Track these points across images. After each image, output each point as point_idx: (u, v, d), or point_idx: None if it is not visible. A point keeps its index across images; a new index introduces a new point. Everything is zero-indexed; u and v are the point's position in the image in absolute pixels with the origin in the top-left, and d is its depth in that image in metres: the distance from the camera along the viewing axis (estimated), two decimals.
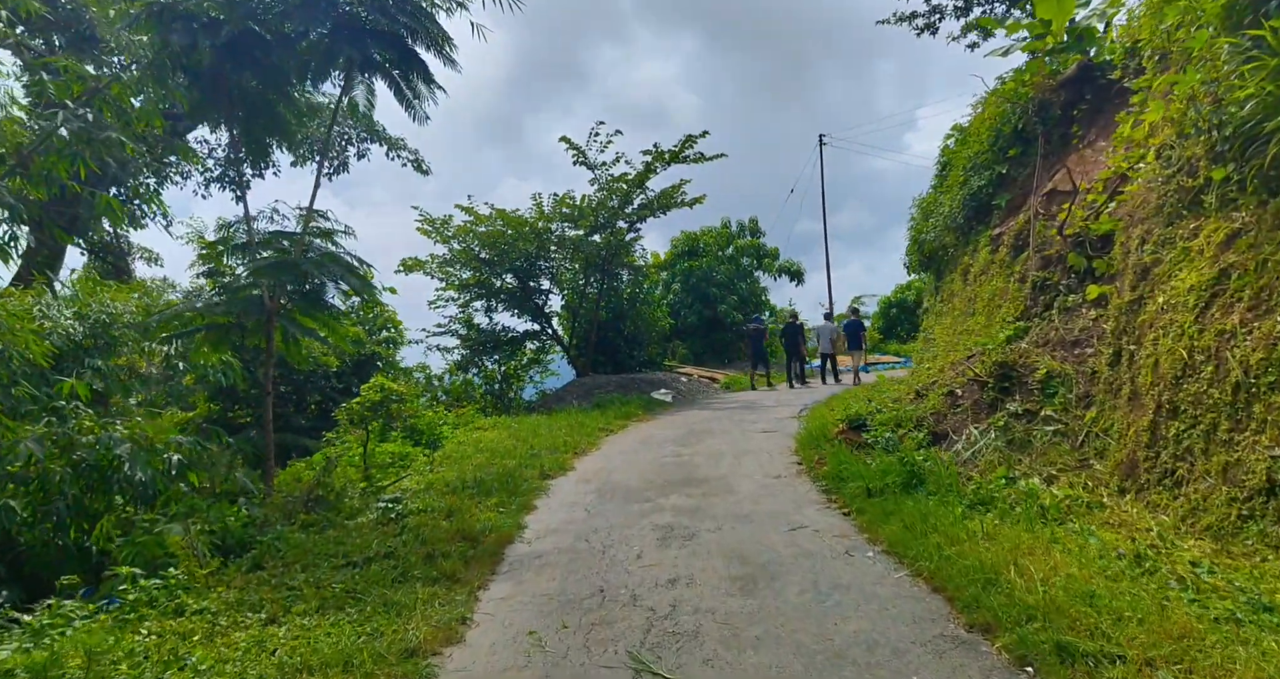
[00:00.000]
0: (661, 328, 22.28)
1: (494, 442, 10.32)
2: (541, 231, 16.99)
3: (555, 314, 19.68)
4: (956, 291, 9.95)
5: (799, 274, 26.30)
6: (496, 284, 18.57)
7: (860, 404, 11.81)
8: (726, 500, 6.56)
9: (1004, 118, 9.01)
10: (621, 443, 10.63)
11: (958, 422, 6.18)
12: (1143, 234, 5.23)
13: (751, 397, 17.34)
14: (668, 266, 25.42)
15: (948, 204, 10.20)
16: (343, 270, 6.29)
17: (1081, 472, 5.10)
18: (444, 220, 16.97)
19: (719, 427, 11.69)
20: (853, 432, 7.59)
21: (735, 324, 24.22)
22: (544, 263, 18.21)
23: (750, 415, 13.05)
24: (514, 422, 12.81)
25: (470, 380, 19.63)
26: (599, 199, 17.52)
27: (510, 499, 7.12)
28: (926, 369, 10.47)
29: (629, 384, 17.71)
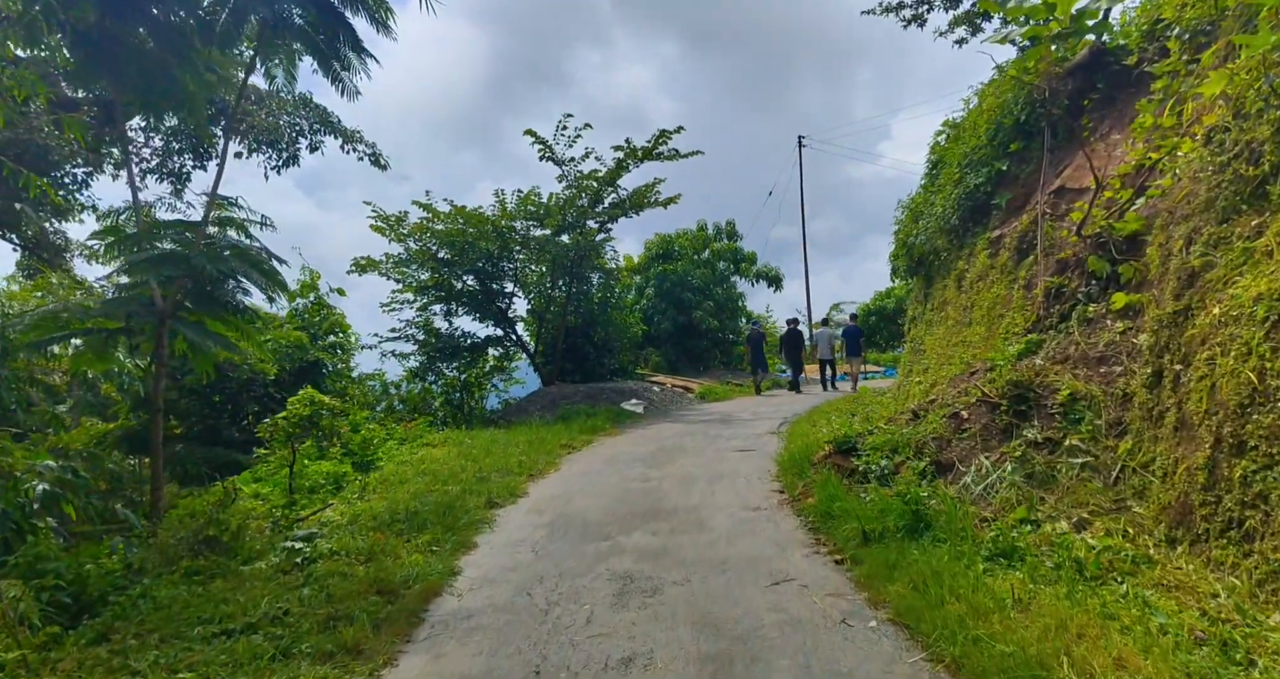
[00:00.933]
0: (634, 334, 21.40)
1: (440, 462, 9.33)
2: (504, 230, 16.01)
3: (520, 319, 18.71)
4: (950, 299, 9.21)
5: (777, 280, 25.62)
6: (457, 286, 17.54)
7: (846, 422, 11.03)
8: (698, 540, 5.67)
9: (1004, 109, 8.28)
10: (584, 463, 9.70)
11: (965, 449, 5.37)
12: (1188, 233, 4.48)
13: (727, 408, 16.53)
14: (641, 270, 24.57)
15: (940, 204, 9.46)
16: (245, 265, 5.31)
17: (1119, 516, 4.30)
18: (399, 217, 15.93)
19: (692, 443, 10.82)
20: (841, 456, 6.75)
21: (711, 331, 23.43)
22: (508, 264, 17.23)
23: (726, 430, 12.20)
24: (468, 437, 11.82)
25: (429, 389, 18.58)
26: (567, 197, 16.61)
27: (446, 536, 6.15)
28: (918, 383, 9.71)
29: (598, 394, 16.80)
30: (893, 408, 11.51)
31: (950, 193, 9.21)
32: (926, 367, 9.58)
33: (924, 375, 9.57)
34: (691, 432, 12.36)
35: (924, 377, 9.54)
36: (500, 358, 19.14)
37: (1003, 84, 8.55)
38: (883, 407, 13.17)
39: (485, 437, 11.82)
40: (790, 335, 18.52)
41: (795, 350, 18.25)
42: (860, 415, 12.86)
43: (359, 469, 7.50)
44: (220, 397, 12.82)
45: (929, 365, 9.48)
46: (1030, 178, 8.05)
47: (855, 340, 18.39)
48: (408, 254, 16.57)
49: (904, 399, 10.52)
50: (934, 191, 10.25)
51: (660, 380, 20.57)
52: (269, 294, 6.01)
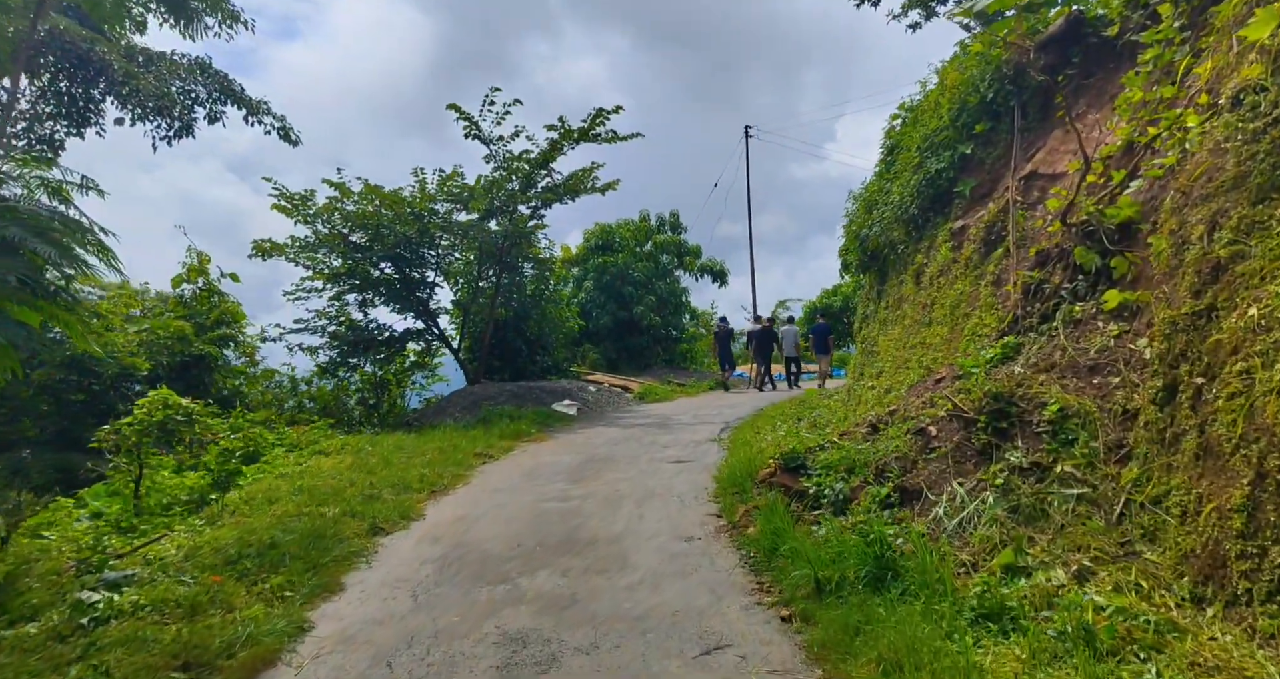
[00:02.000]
0: (570, 329, 20.33)
1: (327, 474, 8.11)
2: (424, 213, 14.70)
3: (444, 311, 17.42)
4: (907, 296, 8.48)
5: (722, 275, 24.86)
6: (374, 274, 16.15)
7: (792, 430, 10.25)
8: (616, 583, 4.69)
9: (969, 87, 7.56)
10: (499, 475, 8.63)
11: (935, 473, 4.55)
12: (1210, 217, 3.73)
13: (667, 410, 15.64)
14: (579, 262, 23.48)
15: (897, 193, 8.73)
16: (25, 232, 4.08)
17: (1128, 564, 3.52)
18: (305, 196, 14.45)
19: (625, 452, 9.85)
20: (788, 474, 5.88)
21: (653, 327, 22.53)
22: (429, 251, 15.91)
23: (664, 436, 11.29)
24: (371, 442, 10.57)
25: (344, 386, 17.13)
26: (495, 179, 15.40)
27: (306, 576, 5.01)
28: (870, 388, 8.97)
29: (526, 394, 15.68)
30: (842, 414, 10.80)
31: (909, 180, 8.48)
32: (880, 370, 8.84)
33: (877, 380, 8.83)
34: (626, 437, 11.41)
35: (877, 381, 8.81)
36: (422, 353, 17.81)
37: (967, 60, 7.84)
38: (830, 411, 12.48)
39: (391, 442, 10.60)
40: (761, 334, 18.44)
41: (766, 349, 18.24)
42: (807, 421, 12.15)
43: (217, 487, 6.28)
44: (83, 395, 11.20)
45: (883, 368, 8.75)
46: (998, 163, 7.35)
47: (824, 338, 18.25)
48: (316, 238, 15.10)
49: (855, 404, 9.80)
50: (890, 179, 9.53)
51: (597, 379, 19.56)
52: (65, 271, 4.75)
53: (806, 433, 10.79)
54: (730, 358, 19.30)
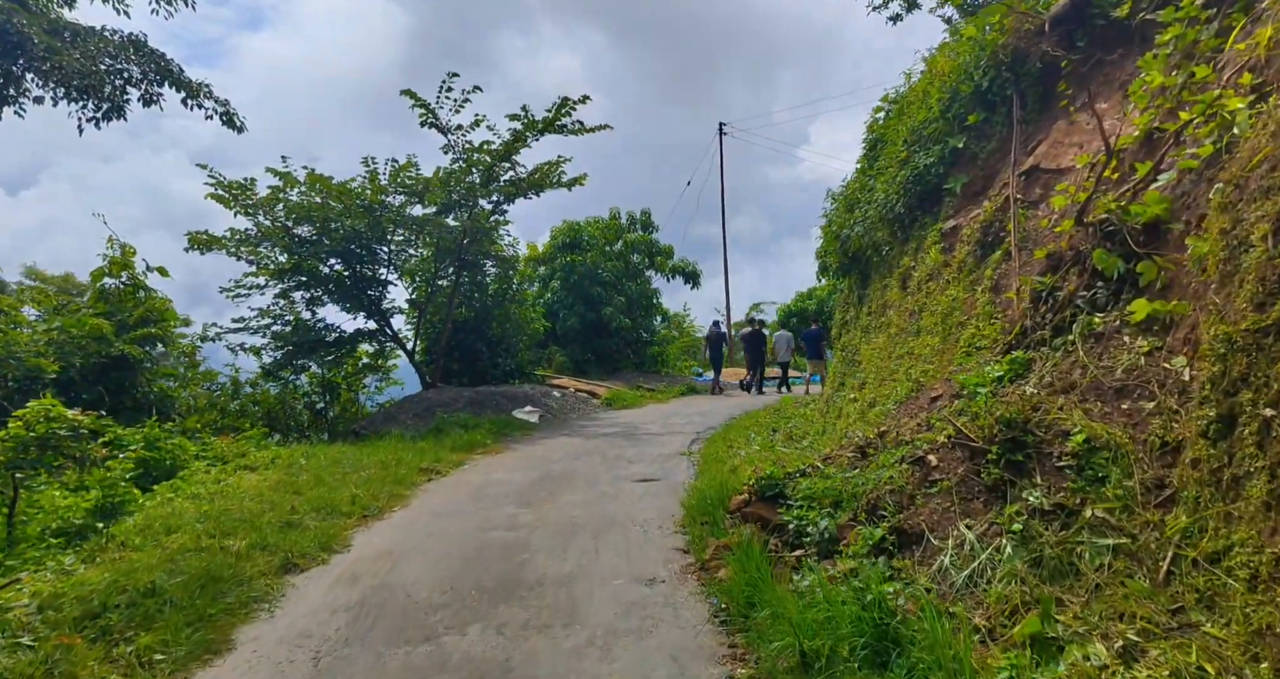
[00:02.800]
0: (535, 331, 19.52)
1: (246, 495, 7.23)
2: (375, 206, 13.78)
3: (399, 311, 16.50)
4: (892, 302, 7.85)
5: (695, 276, 24.15)
6: (323, 270, 15.18)
7: (767, 444, 9.57)
8: (561, 644, 3.94)
9: (961, 75, 6.95)
10: (442, 496, 7.81)
11: (938, 513, 3.89)
12: (1276, 214, 3.12)
13: (635, 417, 14.91)
14: (546, 260, 22.66)
15: (882, 190, 8.10)
16: None
17: (1185, 640, 2.88)
18: (244, 185, 13.43)
19: (586, 468, 9.10)
20: (765, 504, 5.18)
21: (622, 329, 21.78)
22: (382, 246, 14.99)
23: (630, 449, 10.56)
24: (306, 455, 9.68)
25: (293, 389, 16.13)
26: (453, 171, 14.53)
27: (187, 633, 4.17)
28: (852, 401, 8.33)
29: (485, 400, 14.85)
30: (820, 426, 10.16)
31: (894, 176, 7.85)
32: (863, 381, 8.20)
33: (860, 392, 8.20)
34: (588, 450, 10.65)
35: (860, 393, 8.17)
36: (375, 355, 16.89)
37: (959, 46, 7.23)
38: (807, 422, 11.86)
39: (329, 455, 9.72)
40: (751, 336, 18.56)
41: (757, 351, 18.42)
42: (783, 433, 11.50)
43: (101, 516, 5.40)
44: None
45: (866, 380, 8.11)
46: (993, 157, 6.75)
47: (817, 343, 18.14)
48: (259, 231, 14.10)
49: (835, 417, 9.17)
50: (873, 175, 8.91)
51: (563, 383, 18.77)
52: None
53: (783, 447, 10.15)
54: (720, 362, 19.28)
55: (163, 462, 8.60)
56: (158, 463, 8.57)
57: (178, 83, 16.15)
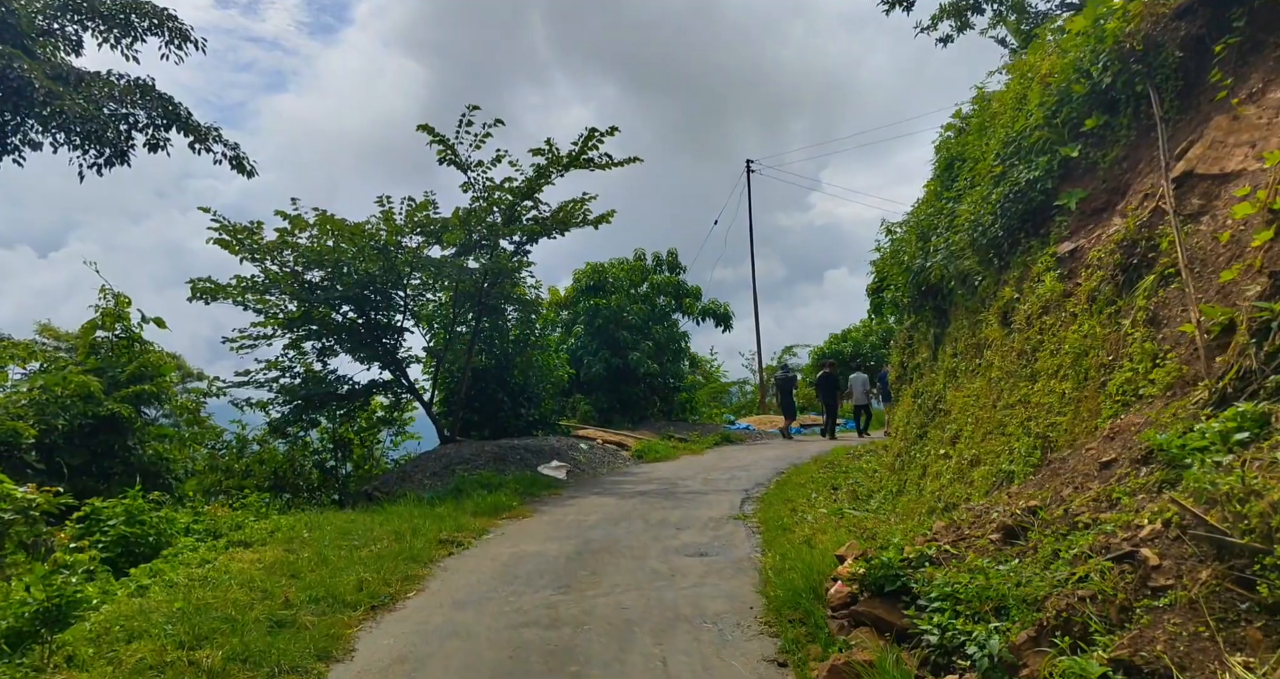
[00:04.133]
0: (558, 378, 18.52)
1: (236, 580, 6.16)
2: (389, 247, 12.99)
3: (415, 359, 15.58)
4: (990, 341, 6.76)
5: (726, 319, 23.12)
6: (334, 319, 14.37)
7: (836, 507, 8.42)
8: None
9: (1073, 73, 5.99)
10: (466, 576, 6.70)
11: (1181, 639, 2.76)
12: None
13: (671, 471, 13.76)
14: (568, 304, 21.80)
15: (968, 213, 7.09)
16: None
17: None
18: (250, 229, 12.72)
19: (628, 537, 7.97)
20: (881, 600, 4.04)
21: (650, 375, 20.73)
22: (397, 291, 14.17)
23: (673, 511, 9.41)
24: (310, 524, 8.62)
25: (305, 444, 15.20)
26: (473, 210, 13.77)
27: None
28: (941, 457, 7.17)
29: (508, 454, 13.78)
30: (893, 484, 8.98)
31: (984, 196, 6.85)
32: (955, 434, 7.06)
33: (952, 447, 7.05)
34: (627, 512, 9.52)
35: (952, 449, 7.02)
36: (390, 408, 15.94)
37: (1067, 41, 6.30)
38: (871, 478, 10.66)
39: (335, 525, 8.65)
40: (824, 380, 18.45)
41: (830, 396, 18.30)
42: (845, 491, 10.31)
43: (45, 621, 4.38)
44: None
45: (960, 432, 6.97)
46: (1119, 166, 5.73)
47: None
48: (266, 277, 13.34)
49: (916, 474, 8.00)
50: (951, 199, 7.92)
51: (589, 434, 17.67)
52: None
53: (850, 508, 8.96)
54: (792, 408, 18.89)
55: (146, 538, 7.58)
56: (140, 540, 7.56)
57: (185, 127, 15.70)
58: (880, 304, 13.01)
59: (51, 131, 13.42)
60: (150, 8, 15.69)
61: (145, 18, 15.67)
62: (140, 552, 7.52)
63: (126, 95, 14.78)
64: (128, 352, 10.89)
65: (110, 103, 14.37)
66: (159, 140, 15.63)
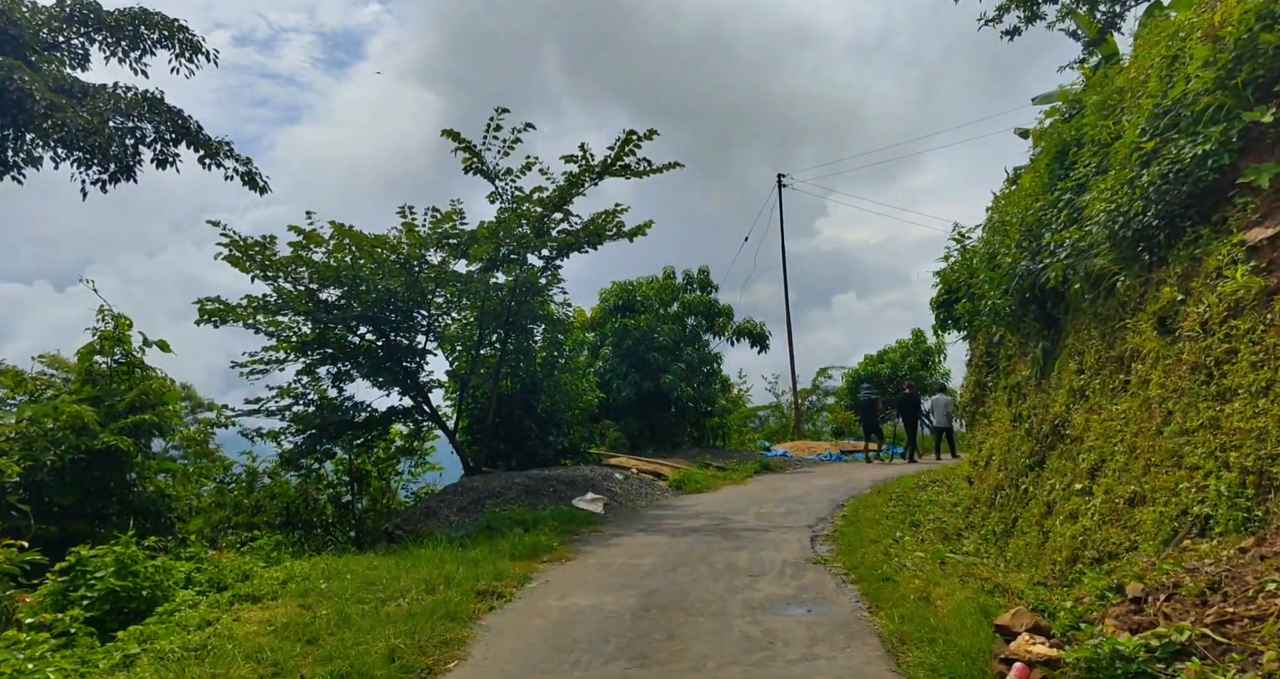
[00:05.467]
0: (587, 403, 17.48)
1: (240, 648, 5.11)
2: (411, 262, 12.08)
3: (438, 384, 14.60)
4: (1144, 353, 5.65)
5: (762, 338, 22.01)
6: (352, 341, 13.44)
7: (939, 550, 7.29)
8: None
9: (1254, 22, 4.97)
10: (513, 641, 5.61)
11: None
12: None
13: (717, 504, 12.63)
14: (595, 325, 20.82)
15: (1100, 205, 6.04)
16: None
17: None
18: (262, 244, 11.85)
19: (694, 586, 6.87)
20: None
21: (682, 399, 19.64)
22: (420, 311, 13.24)
23: (737, 554, 8.31)
24: (328, 571, 7.57)
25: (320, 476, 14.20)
26: (502, 220, 12.86)
27: None
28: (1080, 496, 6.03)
29: (540, 486, 12.71)
30: (995, 522, 7.82)
31: (1129, 180, 5.80)
32: (1094, 465, 5.93)
33: (1090, 480, 5.92)
34: (683, 554, 8.41)
35: (1093, 483, 5.89)
36: (410, 436, 14.93)
37: None
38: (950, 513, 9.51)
39: (357, 572, 7.60)
40: (905, 401, 18.39)
41: (911, 417, 18.19)
42: (930, 527, 9.16)
43: None
44: None
45: (1102, 463, 5.84)
46: None
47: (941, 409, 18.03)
48: (279, 296, 12.45)
49: (1037, 512, 6.84)
50: (1069, 190, 6.88)
51: (622, 463, 16.55)
52: None
53: (947, 550, 7.81)
54: (879, 429, 18.78)
55: (139, 592, 6.56)
56: (132, 594, 6.54)
57: (195, 141, 14.92)
58: (948, 319, 11.93)
59: (52, 145, 12.70)
60: (160, 18, 15.07)
61: (154, 28, 15.04)
62: (132, 608, 6.50)
63: (133, 108, 14.08)
64: (127, 378, 9.95)
65: (116, 116, 13.67)
66: (167, 155, 14.88)
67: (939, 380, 25.75)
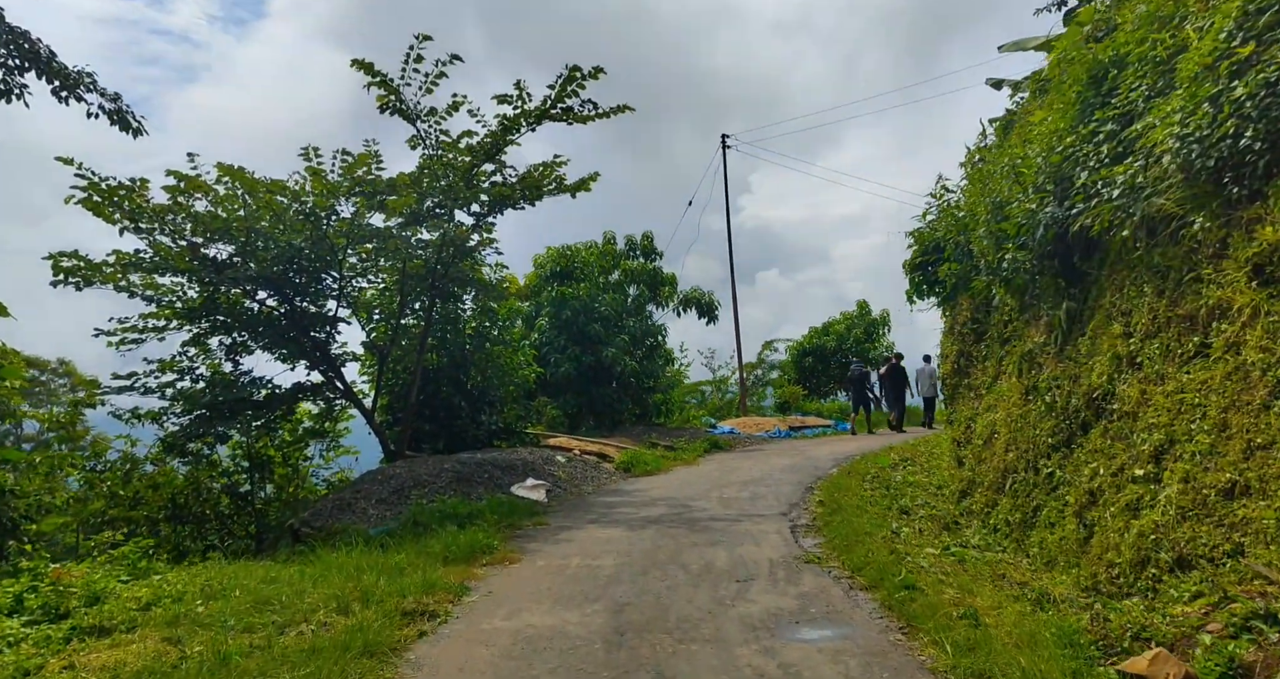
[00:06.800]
0: (523, 378, 16.03)
1: None
2: (318, 213, 10.33)
3: (353, 357, 12.89)
4: (1233, 309, 4.69)
5: (710, 309, 20.90)
6: (254, 308, 11.61)
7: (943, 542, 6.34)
8: None
9: None
10: None
11: None
12: None
13: (673, 488, 11.52)
14: (531, 294, 19.31)
15: (1166, 130, 5.04)
16: None
17: None
18: (130, 187, 9.87)
19: (675, 599, 5.70)
20: None
21: (626, 374, 18.41)
22: (330, 272, 11.49)
23: (713, 549, 7.20)
24: (208, 588, 6.04)
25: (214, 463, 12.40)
26: (425, 168, 11.21)
27: None
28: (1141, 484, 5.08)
29: (474, 472, 11.33)
30: (1012, 511, 6.91)
31: (1202, 96, 4.80)
32: (1159, 446, 4.98)
33: (1158, 466, 4.97)
34: (650, 553, 7.24)
35: (1161, 469, 4.94)
36: (320, 417, 13.22)
37: None
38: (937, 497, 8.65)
39: (250, 586, 6.11)
40: (893, 371, 18.42)
41: (899, 388, 18.35)
42: (923, 516, 8.27)
43: None
44: None
45: (1170, 445, 4.89)
46: None
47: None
48: (156, 253, 10.51)
49: (1075, 500, 5.92)
50: (1108, 118, 5.89)
51: (562, 443, 15.25)
52: None
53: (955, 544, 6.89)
54: (868, 402, 18.71)
55: None
56: None
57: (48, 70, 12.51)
58: (924, 283, 11.04)
59: None
60: None
61: None
62: None
63: None
64: None
65: None
66: (11, 85, 12.47)
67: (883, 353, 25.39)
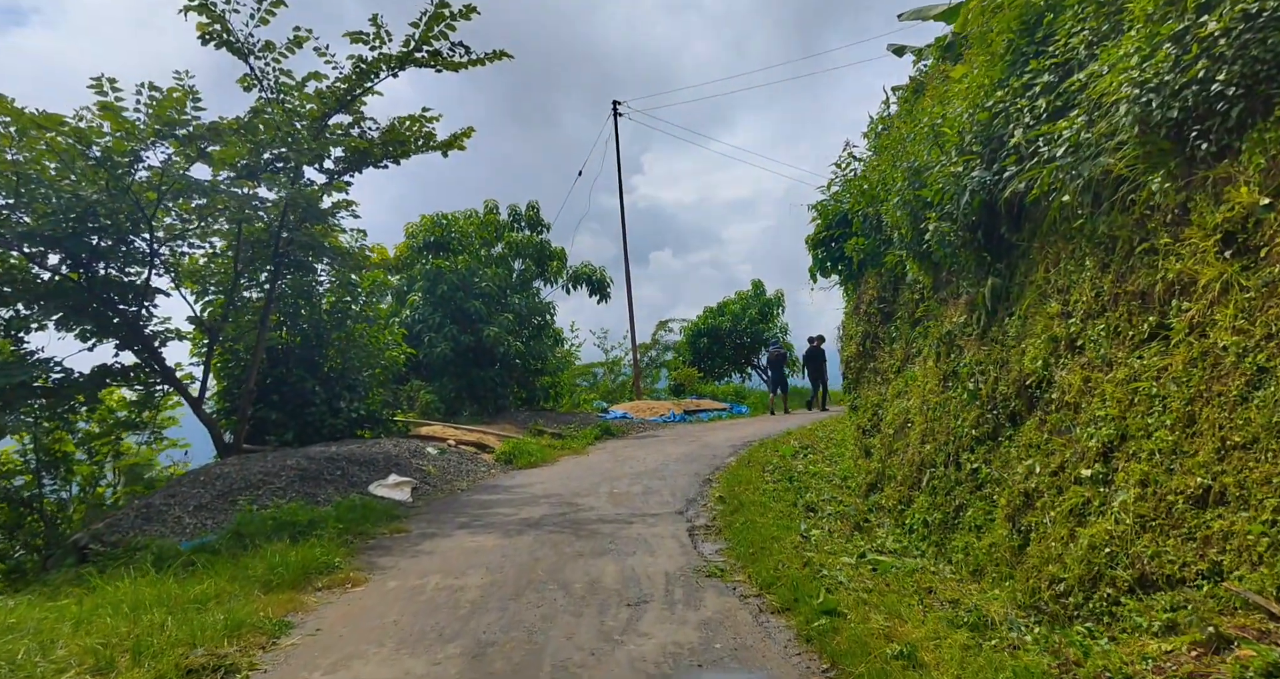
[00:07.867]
0: (391, 360, 14.48)
1: None
2: (115, 157, 8.47)
3: (176, 335, 10.98)
4: (1195, 280, 4.09)
5: (602, 286, 19.80)
6: (42, 275, 9.56)
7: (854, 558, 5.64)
8: None
9: None
10: None
11: None
12: None
13: (558, 482, 10.50)
14: (403, 266, 17.61)
15: (1119, 76, 4.40)
16: None
17: None
18: None
19: (551, 633, 4.70)
20: None
21: (509, 355, 17.12)
22: (140, 233, 9.60)
23: (600, 560, 6.26)
24: None
25: None
26: (259, 113, 9.48)
27: None
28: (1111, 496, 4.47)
29: (324, 469, 9.90)
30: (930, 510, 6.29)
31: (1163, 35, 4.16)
32: (1109, 443, 4.37)
33: (1107, 466, 4.37)
34: (525, 569, 6.20)
35: (1111, 470, 4.34)
36: (138, 405, 11.30)
37: None
38: (842, 490, 8.04)
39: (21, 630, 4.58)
40: (812, 353, 18.94)
41: (818, 368, 18.93)
42: (830, 513, 7.61)
43: None
44: None
45: (1121, 440, 4.29)
46: None
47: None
48: None
49: (1007, 502, 5.31)
50: (1043, 69, 5.24)
51: (435, 433, 13.88)
52: None
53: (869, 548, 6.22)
54: (785, 383, 19.46)
55: None
56: None
57: None
58: (828, 260, 10.45)
59: None
60: None
61: None
62: None
63: None
64: None
65: None
66: None
67: (776, 333, 25.27)
